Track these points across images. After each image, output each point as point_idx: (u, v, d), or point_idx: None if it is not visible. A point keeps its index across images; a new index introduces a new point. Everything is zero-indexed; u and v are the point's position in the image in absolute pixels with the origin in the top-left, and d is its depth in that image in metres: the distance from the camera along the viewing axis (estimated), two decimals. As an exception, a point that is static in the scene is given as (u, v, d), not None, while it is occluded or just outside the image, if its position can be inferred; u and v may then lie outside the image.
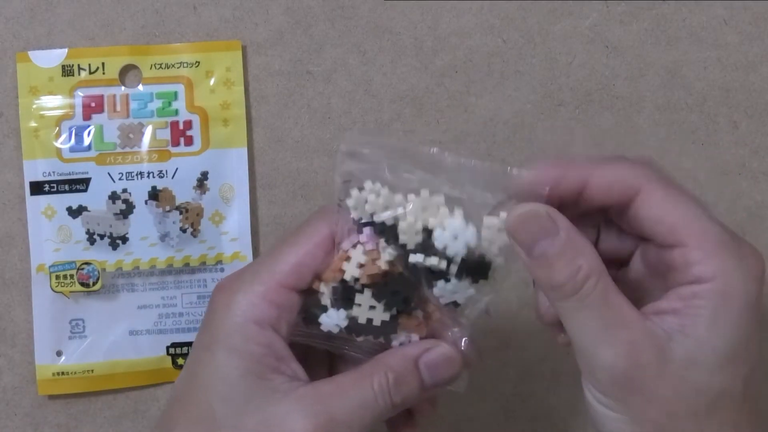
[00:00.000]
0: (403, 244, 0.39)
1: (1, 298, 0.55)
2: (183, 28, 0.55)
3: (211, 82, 0.54)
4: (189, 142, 0.54)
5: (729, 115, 0.57)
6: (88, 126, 0.54)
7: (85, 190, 0.54)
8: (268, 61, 0.55)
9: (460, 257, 0.39)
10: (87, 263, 0.53)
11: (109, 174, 0.54)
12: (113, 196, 0.54)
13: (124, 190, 0.54)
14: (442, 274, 0.39)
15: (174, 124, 0.54)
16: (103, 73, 0.54)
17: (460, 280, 0.39)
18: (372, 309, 0.40)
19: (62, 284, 0.53)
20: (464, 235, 0.38)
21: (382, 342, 0.41)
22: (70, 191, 0.54)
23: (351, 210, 0.40)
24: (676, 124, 0.57)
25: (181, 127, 0.54)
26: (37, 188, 0.54)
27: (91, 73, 0.54)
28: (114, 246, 0.54)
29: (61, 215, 0.54)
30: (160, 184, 0.54)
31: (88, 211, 0.54)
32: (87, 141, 0.54)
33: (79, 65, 0.54)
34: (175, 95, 0.54)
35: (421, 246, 0.39)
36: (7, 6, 0.54)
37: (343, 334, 0.41)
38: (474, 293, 0.40)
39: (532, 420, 0.57)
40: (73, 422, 0.55)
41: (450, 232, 0.38)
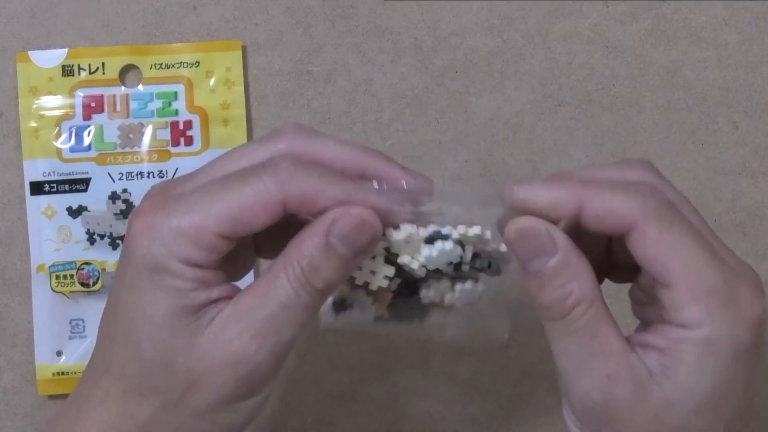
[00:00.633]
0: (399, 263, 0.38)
1: (1, 298, 0.55)
2: (183, 28, 0.55)
3: (211, 82, 0.54)
4: (189, 142, 0.54)
5: (729, 115, 0.57)
6: (88, 126, 0.54)
7: (85, 190, 0.54)
8: (268, 61, 0.55)
9: (471, 252, 0.38)
10: (87, 263, 0.53)
11: (109, 174, 0.54)
12: (113, 196, 0.54)
13: (124, 190, 0.54)
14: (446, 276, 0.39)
15: (174, 124, 0.54)
16: (103, 73, 0.54)
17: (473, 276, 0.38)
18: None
19: (62, 284, 0.53)
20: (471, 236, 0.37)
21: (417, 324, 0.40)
22: (70, 191, 0.54)
23: None
24: (676, 124, 0.57)
25: (181, 127, 0.54)
26: (37, 188, 0.54)
27: (91, 73, 0.54)
28: (114, 246, 0.54)
29: (61, 215, 0.54)
30: (160, 184, 0.54)
31: (88, 211, 0.54)
32: (87, 141, 0.54)
33: (79, 65, 0.54)
34: (175, 95, 0.54)
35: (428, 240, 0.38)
36: (7, 6, 0.54)
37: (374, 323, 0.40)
38: (483, 289, 0.39)
39: (532, 420, 0.57)
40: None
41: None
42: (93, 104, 0.54)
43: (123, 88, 0.54)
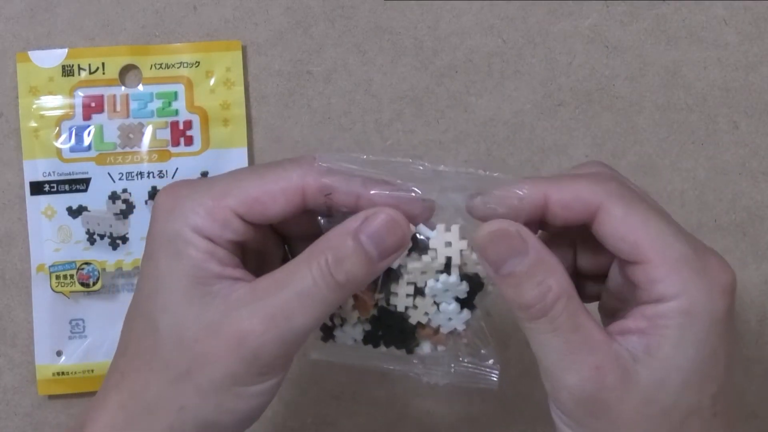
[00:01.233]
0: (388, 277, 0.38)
1: (1, 298, 0.55)
2: (183, 28, 0.55)
3: (211, 82, 0.55)
4: (189, 142, 0.54)
5: (729, 115, 0.57)
6: (88, 126, 0.54)
7: (85, 190, 0.54)
8: (268, 61, 0.55)
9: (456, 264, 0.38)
10: (87, 263, 0.53)
11: (109, 174, 0.54)
12: (113, 196, 0.54)
13: (124, 190, 0.54)
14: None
15: (174, 124, 0.54)
16: (103, 73, 0.54)
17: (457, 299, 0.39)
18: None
19: (62, 284, 0.53)
20: (457, 244, 0.38)
21: (405, 353, 0.40)
22: (70, 191, 0.54)
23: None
24: (676, 124, 0.57)
25: (181, 127, 0.54)
26: (37, 188, 0.54)
27: (91, 73, 0.54)
28: (114, 246, 0.54)
29: (61, 215, 0.54)
30: (160, 184, 0.54)
31: (88, 211, 0.54)
32: (87, 141, 0.54)
33: (79, 65, 0.54)
34: (175, 95, 0.54)
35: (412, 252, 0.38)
36: (7, 6, 0.54)
37: (363, 348, 0.40)
38: (469, 315, 0.39)
39: (532, 420, 0.57)
40: (73, 422, 0.55)
41: (440, 240, 0.38)
42: (93, 104, 0.54)
43: (123, 88, 0.54)
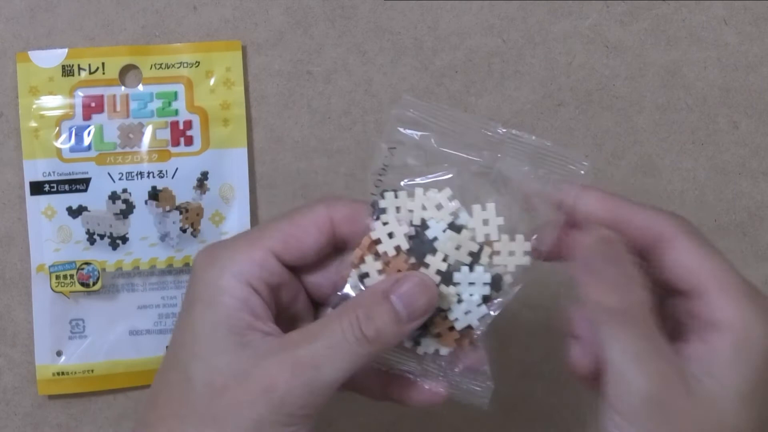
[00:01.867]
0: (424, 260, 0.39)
1: (1, 298, 0.55)
2: (183, 28, 0.55)
3: (211, 82, 0.55)
4: (189, 142, 0.54)
5: (729, 115, 0.57)
6: (88, 126, 0.54)
7: (85, 190, 0.54)
8: (268, 61, 0.55)
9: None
10: (87, 263, 0.53)
11: (109, 174, 0.54)
12: (113, 196, 0.54)
13: (124, 190, 0.54)
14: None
15: (174, 124, 0.54)
16: (103, 73, 0.54)
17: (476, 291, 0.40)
18: None
19: (62, 284, 0.53)
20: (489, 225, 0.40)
21: (411, 347, 0.41)
22: (70, 191, 0.54)
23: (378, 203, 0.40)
24: (676, 124, 0.57)
25: (181, 127, 0.54)
26: (37, 188, 0.54)
27: (91, 73, 0.54)
28: (114, 246, 0.54)
29: (61, 215, 0.54)
30: (160, 184, 0.54)
31: (88, 211, 0.54)
32: (87, 141, 0.54)
33: (79, 65, 0.54)
34: (175, 95, 0.54)
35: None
36: (7, 6, 0.54)
37: None
38: (487, 312, 0.40)
39: (532, 420, 0.57)
40: (73, 422, 0.55)
41: (478, 219, 0.39)
42: (93, 104, 0.54)
43: (123, 88, 0.54)
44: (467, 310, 0.40)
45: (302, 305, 0.43)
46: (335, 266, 0.42)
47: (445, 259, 0.39)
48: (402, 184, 0.40)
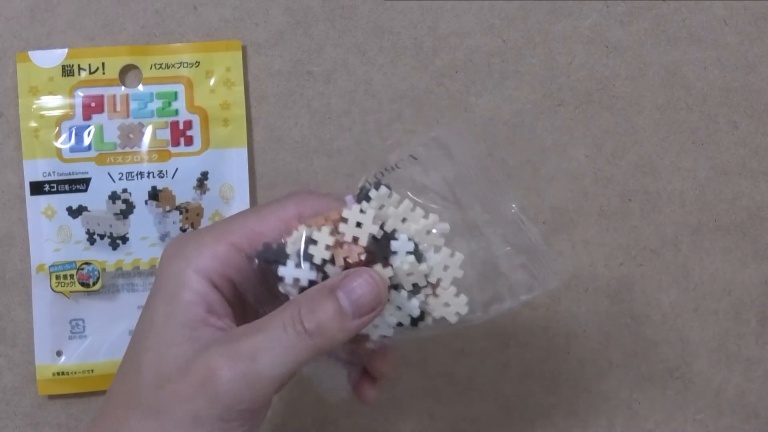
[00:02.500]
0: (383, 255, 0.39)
1: (1, 298, 0.55)
2: (183, 28, 0.55)
3: (211, 82, 0.55)
4: (189, 142, 0.54)
5: (729, 115, 0.57)
6: (88, 126, 0.54)
7: (85, 190, 0.54)
8: (268, 61, 0.55)
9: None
10: (87, 263, 0.53)
11: (109, 174, 0.54)
12: (113, 196, 0.54)
13: (124, 190, 0.54)
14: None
15: (174, 124, 0.54)
16: (103, 73, 0.54)
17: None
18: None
19: (62, 284, 0.53)
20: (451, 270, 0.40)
21: None
22: (70, 191, 0.54)
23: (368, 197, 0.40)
24: (676, 124, 0.57)
25: (181, 127, 0.54)
26: (37, 188, 0.54)
27: (91, 73, 0.54)
28: (114, 246, 0.54)
29: (61, 215, 0.54)
30: (160, 184, 0.54)
31: (88, 211, 0.54)
32: (87, 141, 0.54)
33: (79, 65, 0.54)
34: (175, 95, 0.54)
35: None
36: (7, 6, 0.54)
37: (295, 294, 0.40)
38: (392, 334, 0.40)
39: (532, 420, 0.57)
40: (73, 422, 0.55)
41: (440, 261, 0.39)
42: (93, 104, 0.54)
43: (123, 88, 0.54)
44: (380, 324, 0.40)
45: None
46: None
47: (391, 277, 0.39)
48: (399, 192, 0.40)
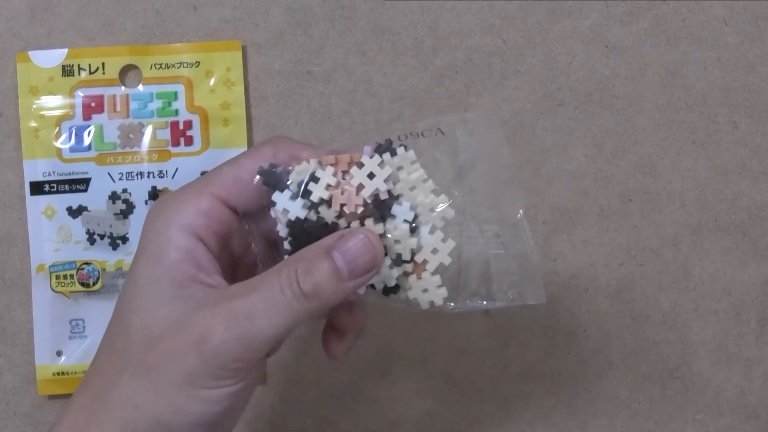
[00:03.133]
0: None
1: (1, 298, 0.55)
2: (183, 28, 0.55)
3: (211, 82, 0.55)
4: (189, 142, 0.54)
5: (729, 115, 0.57)
6: (88, 126, 0.54)
7: (85, 190, 0.54)
8: (268, 61, 0.55)
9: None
10: (87, 263, 0.53)
11: (109, 174, 0.54)
12: (113, 196, 0.54)
13: (124, 190, 0.54)
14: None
15: (174, 124, 0.54)
16: (103, 73, 0.54)
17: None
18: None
19: (62, 284, 0.53)
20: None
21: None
22: (70, 191, 0.54)
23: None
24: (676, 124, 0.57)
25: (181, 127, 0.54)
26: (37, 188, 0.54)
27: (91, 73, 0.54)
28: (114, 246, 0.54)
29: (61, 215, 0.54)
30: (160, 184, 0.54)
31: (88, 211, 0.54)
32: (87, 141, 0.54)
33: (79, 65, 0.54)
34: (175, 95, 0.54)
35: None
36: (7, 6, 0.54)
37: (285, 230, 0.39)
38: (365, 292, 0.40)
39: (532, 420, 0.57)
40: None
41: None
42: (93, 104, 0.54)
43: (123, 88, 0.54)
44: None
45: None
46: None
47: (382, 236, 0.39)
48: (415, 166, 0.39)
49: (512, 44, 0.56)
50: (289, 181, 0.39)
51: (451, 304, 0.40)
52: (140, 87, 0.54)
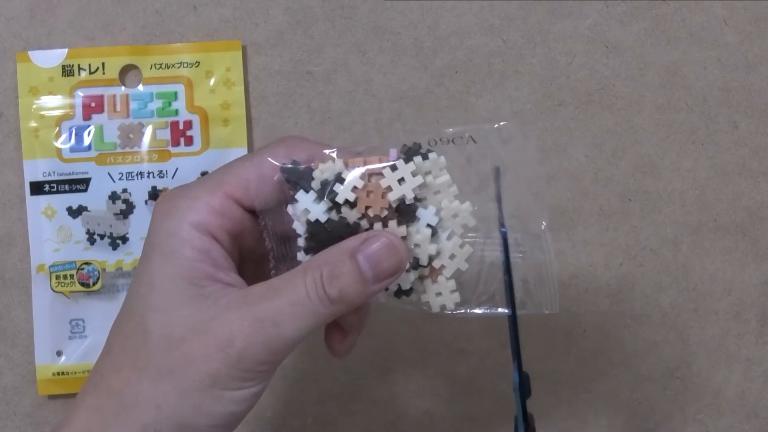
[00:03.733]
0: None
1: (1, 298, 0.55)
2: (183, 28, 0.55)
3: (211, 82, 0.55)
4: (189, 142, 0.54)
5: (729, 115, 0.57)
6: (88, 126, 0.54)
7: (85, 190, 0.54)
8: (268, 61, 0.55)
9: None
10: (87, 263, 0.53)
11: (109, 174, 0.54)
12: (113, 196, 0.54)
13: (124, 190, 0.54)
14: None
15: (174, 124, 0.54)
16: (103, 73, 0.54)
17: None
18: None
19: (62, 284, 0.53)
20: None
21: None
22: (70, 191, 0.54)
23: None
24: (676, 124, 0.57)
25: (181, 127, 0.54)
26: (37, 188, 0.54)
27: (91, 73, 0.54)
28: (114, 246, 0.54)
29: (61, 215, 0.54)
30: (160, 184, 0.54)
31: (88, 211, 0.54)
32: (87, 141, 0.54)
33: (79, 65, 0.54)
34: (175, 95, 0.54)
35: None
36: (7, 6, 0.54)
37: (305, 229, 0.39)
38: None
39: (532, 420, 0.57)
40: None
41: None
42: (93, 104, 0.54)
43: (123, 88, 0.54)
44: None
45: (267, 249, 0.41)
46: None
47: (403, 239, 0.38)
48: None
49: (512, 44, 0.56)
50: (314, 177, 0.39)
51: (462, 310, 0.40)
52: (140, 87, 0.54)
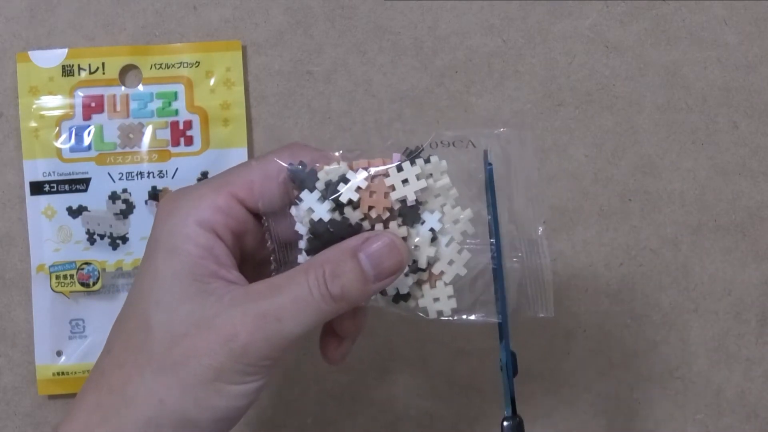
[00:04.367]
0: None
1: (1, 298, 0.55)
2: (183, 28, 0.55)
3: (211, 82, 0.55)
4: (189, 142, 0.54)
5: (729, 115, 0.57)
6: (88, 126, 0.54)
7: (85, 190, 0.54)
8: (268, 61, 0.55)
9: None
10: (87, 263, 0.53)
11: (109, 174, 0.54)
12: (113, 196, 0.54)
13: (124, 190, 0.54)
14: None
15: (174, 124, 0.54)
16: (103, 73, 0.54)
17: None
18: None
19: (62, 284, 0.53)
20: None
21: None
22: (70, 191, 0.54)
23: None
24: (676, 124, 0.57)
25: (181, 127, 0.54)
26: (37, 188, 0.54)
27: (91, 73, 0.54)
28: (114, 246, 0.54)
29: (61, 215, 0.54)
30: (160, 184, 0.54)
31: (88, 211, 0.54)
32: (87, 141, 0.54)
33: (79, 65, 0.54)
34: (175, 95, 0.54)
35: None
36: (7, 6, 0.54)
37: (307, 230, 0.40)
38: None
39: (532, 420, 0.57)
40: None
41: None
42: (93, 104, 0.54)
43: (123, 88, 0.54)
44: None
45: (269, 251, 0.42)
46: None
47: (404, 240, 0.39)
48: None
49: (512, 44, 0.56)
50: (319, 178, 0.39)
51: (458, 317, 0.40)
52: (140, 87, 0.54)
